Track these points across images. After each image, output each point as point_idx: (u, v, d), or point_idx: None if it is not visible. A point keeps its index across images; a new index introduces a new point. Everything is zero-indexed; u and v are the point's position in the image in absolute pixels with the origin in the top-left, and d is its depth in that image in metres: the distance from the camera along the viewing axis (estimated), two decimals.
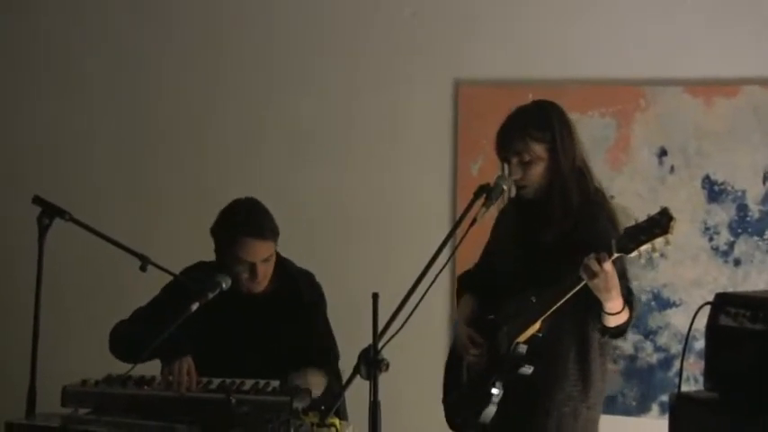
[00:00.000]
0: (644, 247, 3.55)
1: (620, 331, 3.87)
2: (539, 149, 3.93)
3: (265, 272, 4.39)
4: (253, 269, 4.35)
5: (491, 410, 3.89)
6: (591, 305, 3.78)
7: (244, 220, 4.37)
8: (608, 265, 3.60)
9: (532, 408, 3.94)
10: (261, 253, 4.36)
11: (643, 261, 5.17)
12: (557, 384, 3.94)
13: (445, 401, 4.24)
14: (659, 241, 3.52)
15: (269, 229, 4.38)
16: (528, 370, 3.85)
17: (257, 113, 5.94)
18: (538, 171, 3.94)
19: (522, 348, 3.85)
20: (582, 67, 5.43)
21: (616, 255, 3.59)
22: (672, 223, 3.50)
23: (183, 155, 6.04)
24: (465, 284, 4.28)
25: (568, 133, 3.98)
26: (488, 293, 4.14)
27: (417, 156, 5.72)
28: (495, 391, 3.88)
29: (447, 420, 4.19)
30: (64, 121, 6.18)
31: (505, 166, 3.99)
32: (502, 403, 3.89)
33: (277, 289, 4.49)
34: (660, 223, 3.51)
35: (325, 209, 5.81)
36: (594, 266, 3.59)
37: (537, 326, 3.83)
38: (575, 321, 3.91)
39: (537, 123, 3.96)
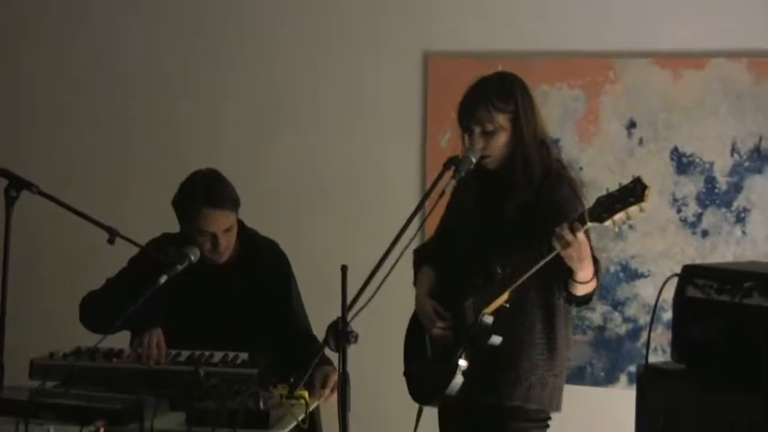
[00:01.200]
0: (617, 216, 3.54)
1: (587, 299, 3.88)
2: (502, 119, 3.92)
3: (227, 242, 4.40)
4: (214, 240, 4.36)
5: (458, 382, 3.89)
6: (559, 273, 3.78)
7: (203, 192, 4.37)
8: (581, 235, 3.59)
9: (499, 378, 3.94)
10: (222, 223, 4.36)
11: (614, 232, 5.19)
12: (523, 354, 3.94)
13: (408, 374, 4.24)
14: (633, 210, 3.51)
15: (229, 199, 4.39)
16: (497, 340, 3.85)
17: (225, 85, 5.92)
18: (500, 141, 3.93)
19: (489, 319, 3.85)
20: (551, 39, 5.44)
21: (590, 224, 3.59)
22: (647, 192, 3.49)
23: (151, 126, 6.01)
24: (423, 257, 4.27)
25: (530, 104, 3.98)
26: (449, 265, 4.13)
27: (386, 128, 5.71)
28: (461, 362, 3.88)
29: (411, 393, 4.19)
30: (32, 93, 6.14)
31: (466, 136, 3.98)
32: (468, 374, 3.89)
33: (241, 258, 4.50)
34: (635, 192, 3.50)
35: (294, 180, 5.80)
36: (568, 236, 3.58)
37: (505, 296, 3.83)
38: (541, 291, 3.92)
39: (500, 94, 3.95)
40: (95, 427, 3.85)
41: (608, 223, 3.55)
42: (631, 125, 5.35)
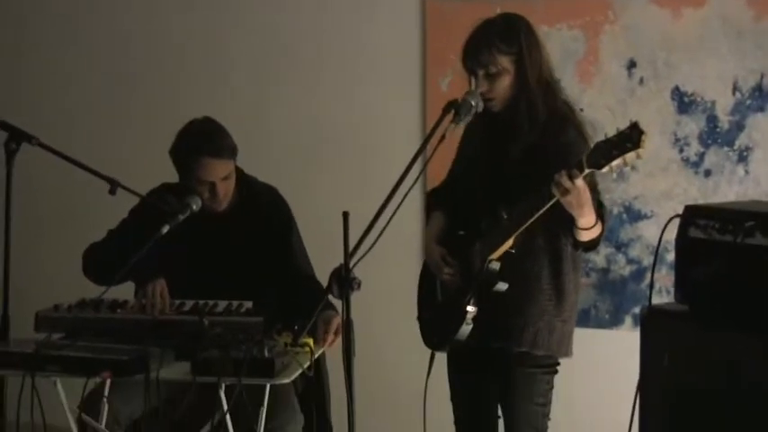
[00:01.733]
0: (615, 162, 3.53)
1: (592, 245, 3.88)
2: (505, 61, 3.90)
3: (226, 190, 4.40)
4: (213, 188, 4.36)
5: (466, 328, 3.90)
6: (563, 220, 3.77)
7: (200, 141, 4.37)
8: (579, 181, 3.58)
9: (507, 323, 3.94)
10: (219, 171, 4.36)
11: (615, 176, 5.18)
12: (531, 299, 3.94)
13: (420, 319, 4.25)
14: (631, 156, 3.50)
15: (226, 147, 4.39)
16: (503, 287, 3.85)
17: (226, 34, 5.89)
18: (504, 83, 3.91)
19: (496, 265, 3.85)
20: None
21: (587, 171, 3.58)
22: (643, 137, 3.47)
23: (152, 76, 5.99)
24: (434, 201, 4.27)
25: (535, 46, 3.95)
26: (457, 210, 4.13)
27: (386, 73, 5.69)
28: (470, 308, 3.88)
29: (423, 338, 4.19)
30: (30, 45, 6.11)
31: (473, 79, 3.97)
32: (476, 320, 3.90)
33: (240, 205, 4.50)
34: (632, 138, 3.49)
35: (294, 128, 5.79)
36: (566, 183, 3.57)
37: (510, 242, 3.82)
38: (547, 236, 3.91)
39: (503, 35, 3.93)
40: (101, 378, 3.89)
41: (606, 170, 3.55)
42: (631, 65, 5.32)
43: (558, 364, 4.05)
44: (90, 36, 6.06)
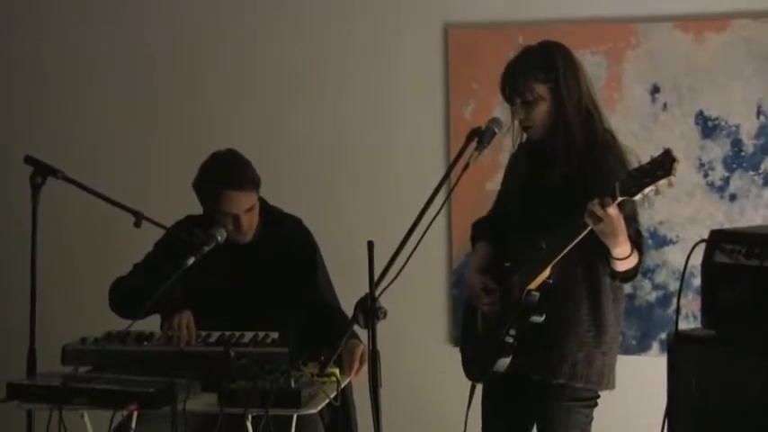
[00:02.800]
0: (647, 190, 3.51)
1: (629, 275, 3.85)
2: (541, 89, 3.89)
3: (250, 222, 4.42)
4: (236, 220, 4.37)
5: (505, 360, 3.87)
6: (599, 249, 3.74)
7: (223, 173, 4.39)
8: (612, 210, 3.55)
9: (545, 355, 3.91)
10: (242, 204, 4.37)
11: (646, 204, 5.18)
12: (570, 331, 3.90)
13: (462, 350, 4.23)
14: (662, 183, 3.48)
15: (249, 179, 4.40)
16: (539, 318, 3.82)
17: (249, 59, 5.90)
18: (541, 111, 3.90)
19: (534, 296, 3.81)
20: (571, 6, 5.40)
21: (620, 198, 3.56)
22: (675, 164, 3.45)
23: (173, 105, 6.00)
24: (479, 231, 4.25)
25: (574, 73, 3.93)
26: (501, 240, 4.10)
27: (409, 101, 5.69)
28: (508, 339, 3.86)
29: (464, 370, 4.16)
30: (55, 80, 6.14)
31: (513, 108, 3.97)
32: (515, 351, 3.87)
33: (265, 236, 4.51)
34: (663, 165, 3.47)
35: (317, 155, 5.79)
36: (599, 211, 3.55)
37: (547, 272, 3.79)
38: (586, 267, 3.87)
39: (539, 63, 3.92)
40: (128, 411, 3.88)
41: (638, 197, 3.53)
42: (655, 90, 5.32)
43: (598, 396, 4.02)
44: (114, 69, 6.07)
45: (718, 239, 3.55)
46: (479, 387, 4.14)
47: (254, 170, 4.44)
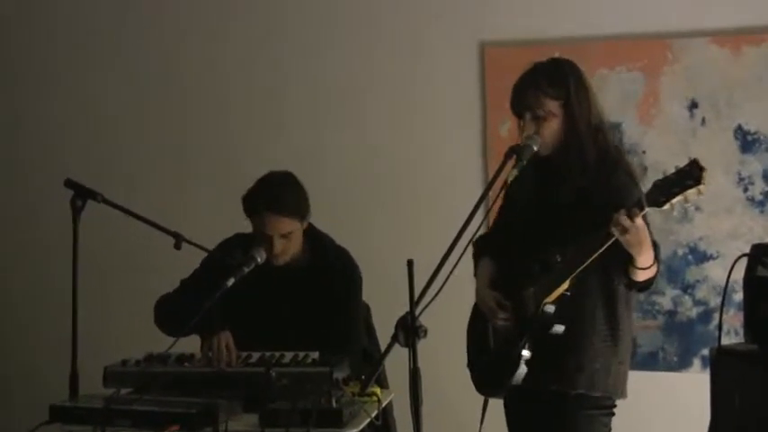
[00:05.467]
0: (675, 200, 3.52)
1: (648, 284, 3.85)
2: (551, 105, 3.90)
3: (283, 247, 4.39)
4: (269, 242, 4.36)
5: (522, 372, 3.88)
6: (617, 260, 3.75)
7: (266, 193, 4.38)
8: (639, 220, 3.58)
9: (563, 365, 3.91)
10: (277, 227, 4.36)
11: (676, 214, 5.15)
12: (587, 341, 3.90)
13: (471, 367, 4.23)
14: (692, 193, 3.49)
15: (290, 205, 4.39)
16: (560, 329, 3.82)
17: (282, 80, 5.93)
18: (551, 127, 3.90)
19: (551, 308, 3.82)
20: (607, 23, 5.40)
21: (648, 209, 3.56)
22: (704, 173, 3.47)
23: (208, 127, 6.03)
24: (482, 248, 4.25)
25: (584, 90, 3.94)
26: (506, 255, 4.11)
27: (446, 119, 5.70)
28: (525, 352, 3.86)
29: (475, 385, 4.17)
30: (91, 104, 6.18)
31: (520, 122, 3.97)
32: (531, 363, 3.87)
33: (310, 264, 4.50)
34: (692, 174, 3.48)
35: (355, 175, 5.80)
36: (626, 222, 3.56)
37: (566, 285, 3.80)
38: (601, 277, 3.88)
39: (550, 79, 3.93)
40: None
41: (666, 207, 3.53)
42: (693, 105, 5.31)
43: (615, 405, 4.01)
44: (151, 91, 6.12)
45: (760, 253, 3.54)
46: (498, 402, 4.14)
47: (300, 198, 4.43)
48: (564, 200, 3.90)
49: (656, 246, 3.81)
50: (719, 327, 3.72)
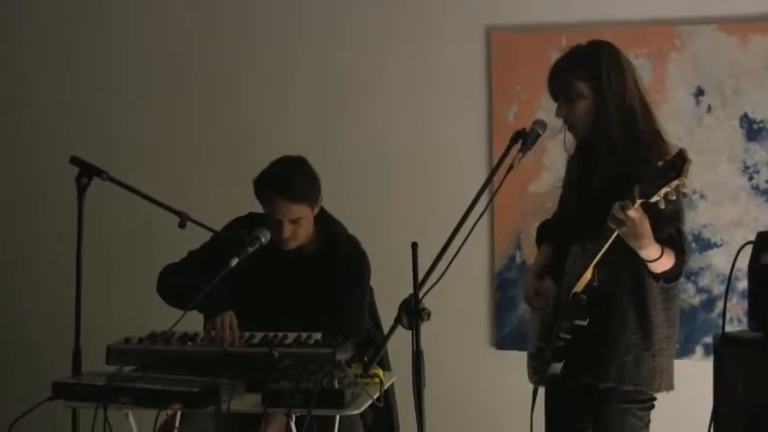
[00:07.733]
0: (663, 191, 3.48)
1: (671, 276, 3.80)
2: (582, 87, 3.86)
3: (292, 232, 4.39)
4: (279, 226, 4.36)
5: (559, 363, 3.86)
6: (635, 252, 3.73)
7: (275, 177, 4.38)
8: (633, 213, 3.54)
9: (593, 358, 3.86)
10: (286, 212, 4.35)
11: (663, 206, 5.15)
12: (617, 333, 3.85)
13: (528, 355, 4.18)
14: (677, 185, 3.45)
15: (299, 191, 4.37)
16: (582, 322, 3.79)
17: (291, 65, 5.91)
18: (581, 109, 3.88)
19: (581, 299, 3.78)
20: (615, 9, 5.39)
21: (639, 201, 3.54)
22: (686, 166, 3.42)
23: (217, 108, 6.02)
24: (542, 234, 4.23)
25: (618, 72, 3.89)
26: (562, 242, 4.04)
27: (452, 104, 5.69)
28: (560, 343, 3.84)
29: (528, 374, 4.13)
30: (98, 81, 6.18)
31: (558, 106, 3.96)
32: (566, 355, 3.85)
33: (319, 250, 4.50)
34: (675, 166, 3.44)
35: (361, 159, 5.79)
36: (619, 215, 3.54)
37: (588, 275, 3.76)
38: (631, 269, 3.82)
39: (583, 61, 3.91)
40: (172, 410, 3.90)
41: (655, 199, 3.50)
42: (699, 93, 5.30)
43: (654, 399, 3.97)
44: (158, 74, 6.10)
45: (765, 241, 3.53)
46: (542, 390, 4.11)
47: (311, 184, 4.42)
48: (593, 186, 3.89)
49: (681, 234, 3.77)
50: (723, 313, 3.72)
